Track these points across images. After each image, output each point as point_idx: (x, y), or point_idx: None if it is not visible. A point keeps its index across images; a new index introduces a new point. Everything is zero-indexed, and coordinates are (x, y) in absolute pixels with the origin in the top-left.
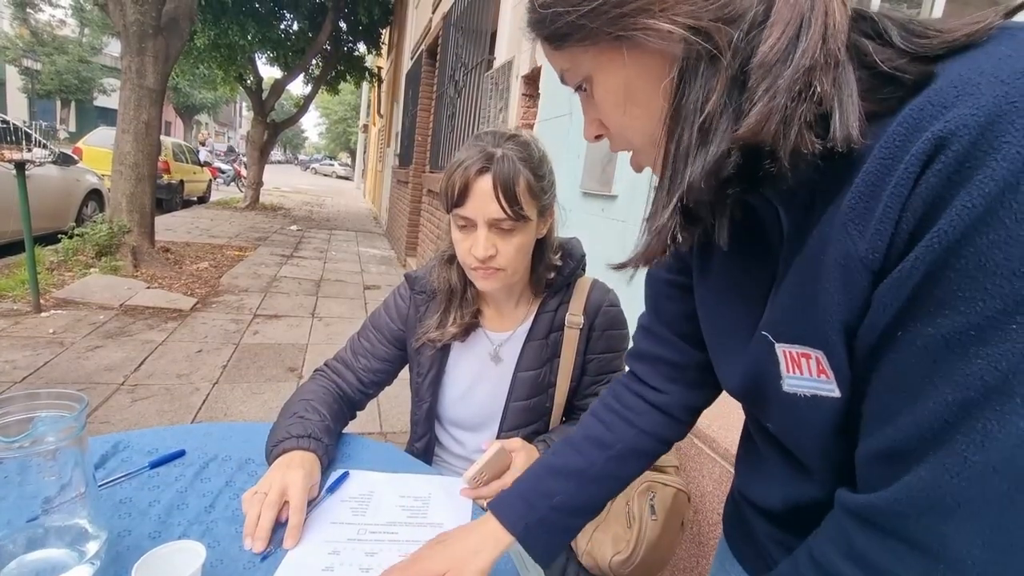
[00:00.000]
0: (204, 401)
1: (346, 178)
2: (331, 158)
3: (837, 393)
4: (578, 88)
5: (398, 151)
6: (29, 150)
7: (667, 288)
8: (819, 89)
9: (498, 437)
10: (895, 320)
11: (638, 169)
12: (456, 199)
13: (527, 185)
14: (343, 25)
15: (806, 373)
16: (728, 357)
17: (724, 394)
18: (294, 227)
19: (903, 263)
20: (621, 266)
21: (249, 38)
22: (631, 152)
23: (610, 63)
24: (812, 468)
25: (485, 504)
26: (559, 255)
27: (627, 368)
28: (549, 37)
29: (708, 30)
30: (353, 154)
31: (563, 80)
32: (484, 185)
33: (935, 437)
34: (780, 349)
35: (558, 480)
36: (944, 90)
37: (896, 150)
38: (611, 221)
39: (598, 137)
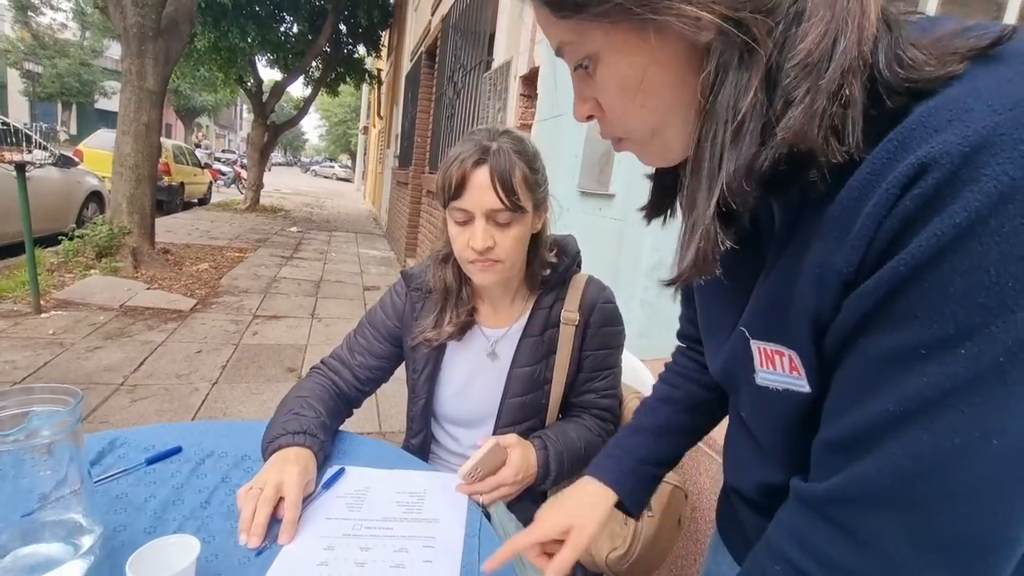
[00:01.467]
0: (203, 401)
1: (346, 180)
2: (331, 160)
3: (807, 389)
4: (577, 66)
5: (398, 152)
6: (29, 152)
7: None
8: (848, 93)
9: (494, 433)
10: (856, 327)
11: (617, 149)
12: (453, 192)
13: (523, 176)
14: (343, 27)
15: (779, 369)
16: (713, 343)
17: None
18: (294, 228)
19: (871, 278)
20: (671, 282)
21: (249, 40)
22: (617, 137)
23: (627, 45)
24: (774, 455)
25: (481, 500)
26: (554, 252)
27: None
28: (557, 3)
29: (746, 21)
30: (353, 156)
31: (558, 53)
32: (481, 177)
33: (875, 438)
34: (755, 345)
35: (638, 437)
36: (939, 111)
37: (882, 167)
38: (608, 220)
39: (589, 118)
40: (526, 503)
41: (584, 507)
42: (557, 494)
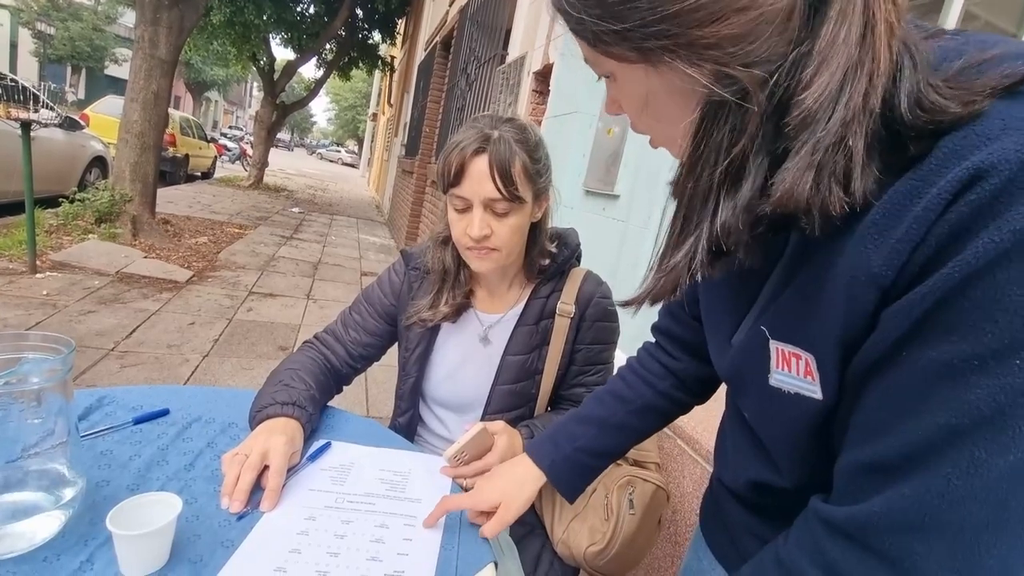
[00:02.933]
0: (193, 372)
1: (351, 165)
2: (338, 144)
3: (819, 396)
4: (601, 76)
5: (405, 141)
6: (36, 111)
7: None
8: (851, 143)
9: (482, 419)
10: (900, 340)
11: (653, 146)
12: (452, 179)
13: (523, 167)
14: (359, 12)
15: (793, 371)
16: (719, 340)
17: (711, 398)
18: (296, 209)
19: (919, 287)
20: (627, 303)
21: (265, 18)
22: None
23: (634, 75)
24: (779, 460)
25: (465, 484)
26: (554, 243)
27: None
28: (574, 31)
29: (736, 76)
30: (360, 142)
31: (586, 61)
32: (480, 165)
33: (922, 457)
34: (774, 346)
35: (581, 426)
36: (989, 123)
37: (929, 174)
38: (611, 220)
39: (617, 112)
40: None
41: (514, 485)
42: (498, 466)
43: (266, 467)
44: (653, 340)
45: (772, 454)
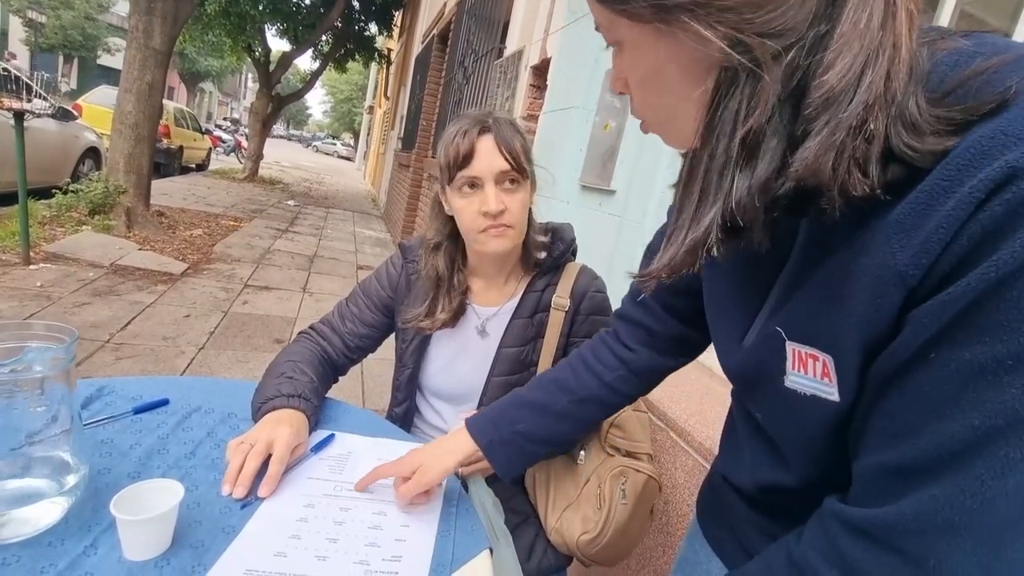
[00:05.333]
0: (189, 365)
1: (347, 159)
2: (334, 137)
3: (836, 397)
4: (610, 45)
5: (401, 135)
6: (29, 101)
7: None
8: (872, 128)
9: (477, 410)
10: (930, 342)
11: (643, 130)
12: (462, 161)
13: (522, 146)
14: (356, 3)
15: (810, 373)
16: (728, 339)
17: (703, 391)
18: (291, 202)
19: (951, 288)
20: (643, 276)
21: (260, 8)
22: (641, 118)
23: (644, 41)
24: (791, 461)
25: (460, 472)
26: (549, 236)
27: (612, 326)
28: None
29: (750, 45)
30: (356, 135)
31: (597, 28)
32: (488, 143)
33: (954, 458)
34: (790, 347)
35: (522, 410)
36: (1018, 120)
37: (959, 172)
38: (608, 216)
39: (622, 92)
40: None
41: (438, 454)
42: (438, 440)
43: (270, 456)
44: (610, 329)
45: (785, 455)
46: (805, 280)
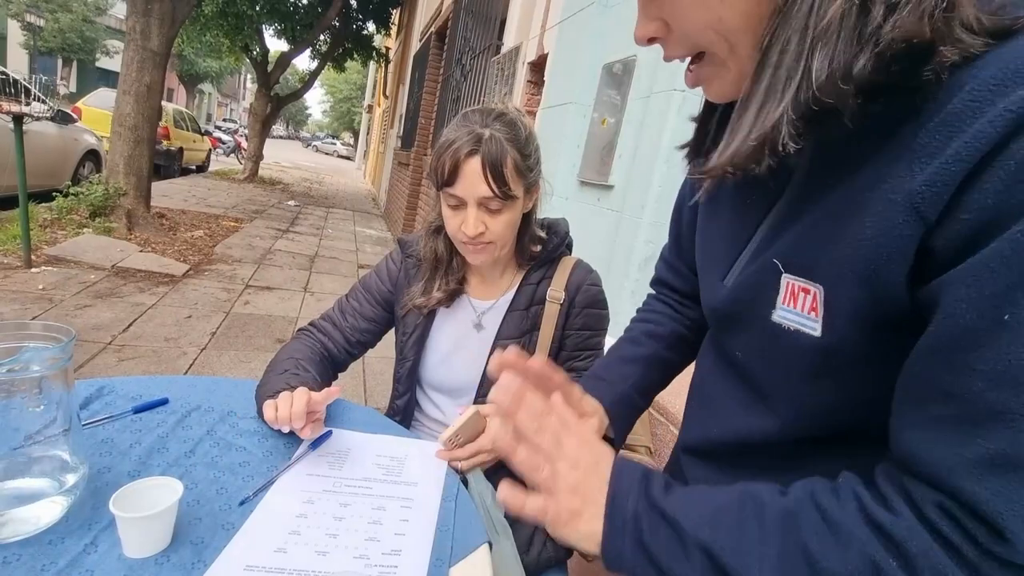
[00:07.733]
0: (191, 365)
1: (347, 158)
2: (334, 137)
3: (817, 332)
4: None
5: (401, 133)
6: (28, 104)
7: (692, 215)
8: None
9: (475, 403)
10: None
11: (693, 84)
12: (446, 179)
13: (514, 165)
14: (353, 2)
15: (799, 307)
16: (711, 277)
17: None
18: (292, 202)
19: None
20: (704, 172)
21: (258, 8)
22: (690, 66)
23: None
24: (775, 403)
25: (460, 467)
26: (544, 231)
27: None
28: None
29: None
30: (356, 134)
31: None
32: (473, 166)
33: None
34: (785, 280)
35: (630, 366)
36: None
37: (988, 94)
38: (606, 211)
39: (651, 40)
40: (503, 472)
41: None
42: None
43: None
44: (653, 293)
45: (769, 396)
46: (807, 210)
